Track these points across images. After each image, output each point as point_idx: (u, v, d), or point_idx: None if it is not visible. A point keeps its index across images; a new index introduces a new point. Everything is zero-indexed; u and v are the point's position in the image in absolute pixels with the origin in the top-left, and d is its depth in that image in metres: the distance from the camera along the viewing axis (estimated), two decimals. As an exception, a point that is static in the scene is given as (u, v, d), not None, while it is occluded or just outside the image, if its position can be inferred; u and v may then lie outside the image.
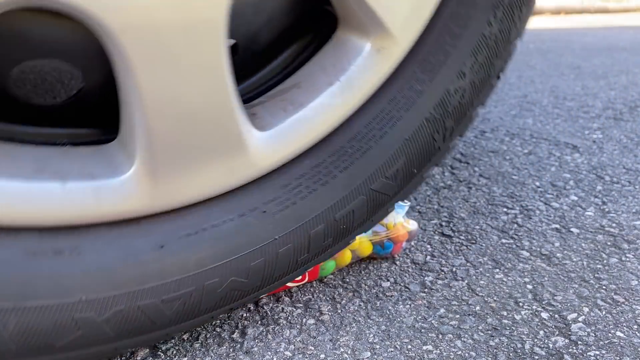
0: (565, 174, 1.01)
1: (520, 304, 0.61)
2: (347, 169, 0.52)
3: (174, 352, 0.54)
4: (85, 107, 0.48)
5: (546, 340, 0.55)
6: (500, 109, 1.55)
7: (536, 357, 0.53)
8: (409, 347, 0.55)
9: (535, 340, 0.56)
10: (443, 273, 0.67)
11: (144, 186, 0.44)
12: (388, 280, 0.66)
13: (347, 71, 0.50)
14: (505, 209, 0.85)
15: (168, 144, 0.44)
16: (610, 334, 0.56)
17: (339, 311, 0.60)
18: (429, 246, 0.74)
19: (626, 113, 1.47)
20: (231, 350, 0.55)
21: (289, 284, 0.63)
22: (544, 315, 0.59)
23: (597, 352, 0.54)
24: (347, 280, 0.66)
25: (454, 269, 0.68)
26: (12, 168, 0.42)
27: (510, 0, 0.54)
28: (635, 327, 0.57)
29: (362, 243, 0.67)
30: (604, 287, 0.64)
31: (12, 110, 0.45)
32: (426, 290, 0.64)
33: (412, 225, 0.71)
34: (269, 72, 0.55)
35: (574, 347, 0.54)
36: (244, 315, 0.60)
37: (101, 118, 0.49)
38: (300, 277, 0.63)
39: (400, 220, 0.69)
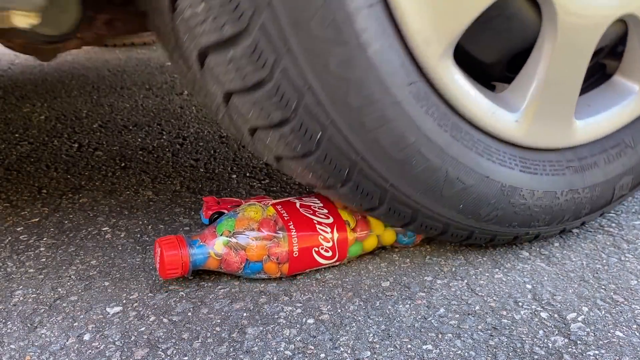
0: (564, 174, 1.01)
1: (520, 304, 0.61)
2: None
3: (174, 351, 0.54)
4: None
5: (546, 340, 0.56)
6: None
7: (536, 357, 0.53)
8: (409, 346, 0.55)
9: (535, 339, 0.56)
10: (442, 273, 0.67)
11: (524, 124, 0.62)
12: (387, 280, 0.66)
13: None
14: (504, 209, 0.85)
15: (544, 100, 0.62)
16: (609, 334, 0.56)
17: (339, 311, 0.60)
18: (428, 246, 0.74)
19: (625, 113, 1.47)
20: (231, 349, 0.55)
21: (321, 261, 0.65)
22: (544, 314, 0.59)
23: (597, 352, 0.54)
24: (347, 279, 0.66)
25: (454, 269, 0.68)
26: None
27: None
28: (635, 326, 0.57)
29: (387, 231, 0.69)
30: (603, 287, 0.64)
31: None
32: (426, 289, 0.64)
33: None
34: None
35: (574, 347, 0.55)
36: (244, 314, 0.60)
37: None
38: (330, 255, 0.66)
39: None
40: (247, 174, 0.98)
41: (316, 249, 0.65)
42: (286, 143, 0.56)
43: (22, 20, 0.48)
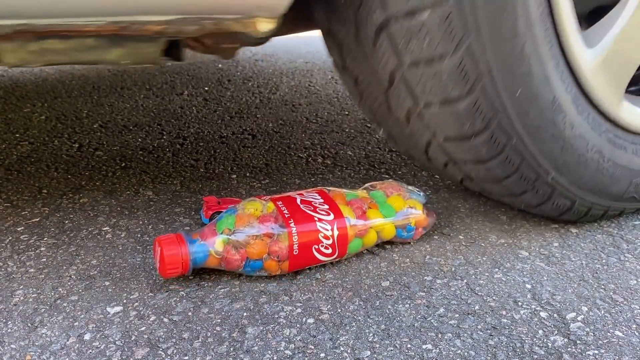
0: (564, 174, 1.02)
1: (520, 304, 0.61)
2: None
3: (174, 350, 0.54)
4: None
5: (545, 340, 0.56)
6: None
7: (535, 357, 0.53)
8: (409, 346, 0.55)
9: (535, 339, 0.56)
10: (442, 272, 0.68)
11: (592, 63, 0.67)
12: (387, 280, 0.66)
13: None
14: (504, 209, 0.85)
15: (613, 54, 0.68)
16: (609, 334, 0.56)
17: (339, 310, 0.60)
18: (428, 246, 0.74)
19: (625, 113, 1.48)
20: (231, 349, 0.55)
21: (321, 258, 0.66)
22: (543, 314, 0.60)
23: (596, 352, 0.54)
24: (347, 279, 0.66)
25: (454, 269, 0.68)
26: None
27: None
28: (634, 326, 0.58)
29: (386, 226, 0.70)
30: (602, 287, 0.64)
31: None
32: (425, 289, 0.64)
33: (430, 214, 0.75)
34: None
35: (573, 347, 0.55)
36: (244, 314, 0.60)
37: None
38: (330, 252, 0.66)
39: (421, 206, 0.73)
40: (247, 174, 0.98)
41: (316, 247, 0.65)
42: None
43: (265, 25, 0.55)
